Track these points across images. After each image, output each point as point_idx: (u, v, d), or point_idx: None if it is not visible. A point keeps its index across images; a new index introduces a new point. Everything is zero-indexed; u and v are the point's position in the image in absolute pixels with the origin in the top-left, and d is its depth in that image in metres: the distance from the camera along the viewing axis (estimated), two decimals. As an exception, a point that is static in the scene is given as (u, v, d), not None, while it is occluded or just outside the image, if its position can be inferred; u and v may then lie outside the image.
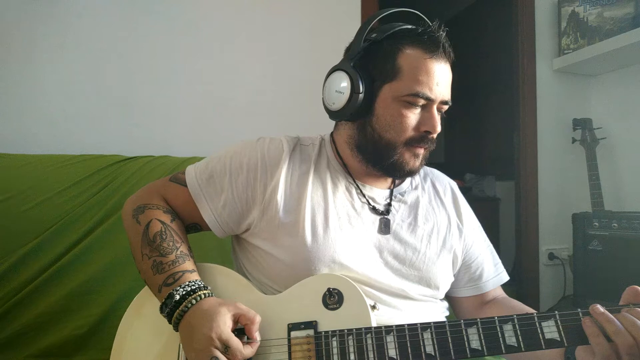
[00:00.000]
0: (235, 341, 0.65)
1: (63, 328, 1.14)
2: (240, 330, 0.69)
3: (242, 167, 0.83)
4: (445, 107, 0.82)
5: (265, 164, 0.82)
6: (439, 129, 0.79)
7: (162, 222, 0.80)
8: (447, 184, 0.96)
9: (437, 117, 0.79)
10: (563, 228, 1.93)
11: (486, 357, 1.09)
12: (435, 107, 0.79)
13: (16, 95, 1.46)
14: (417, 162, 0.82)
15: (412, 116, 0.79)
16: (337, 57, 0.87)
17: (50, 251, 1.19)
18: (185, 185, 0.84)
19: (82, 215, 1.24)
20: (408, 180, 0.91)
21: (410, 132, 0.79)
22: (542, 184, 2.05)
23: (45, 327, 1.13)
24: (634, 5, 1.80)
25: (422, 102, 0.78)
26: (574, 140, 1.94)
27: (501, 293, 0.95)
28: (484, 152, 3.05)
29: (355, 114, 0.80)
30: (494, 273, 0.93)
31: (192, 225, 0.87)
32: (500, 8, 2.54)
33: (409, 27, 0.81)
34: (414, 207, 0.88)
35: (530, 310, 0.82)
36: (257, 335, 0.68)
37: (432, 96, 0.77)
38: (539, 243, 2.04)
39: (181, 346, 0.71)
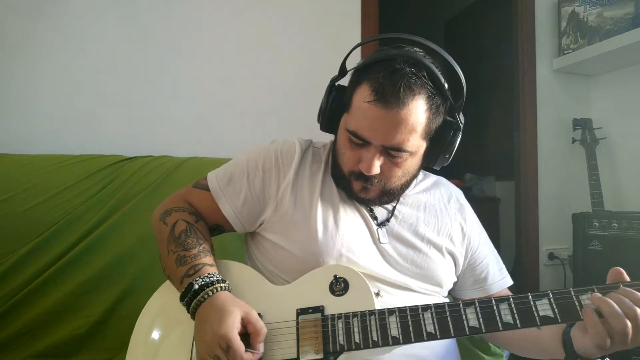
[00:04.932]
0: (237, 344, 0.67)
1: (63, 328, 1.14)
2: (247, 336, 0.71)
3: (258, 168, 0.89)
4: (400, 154, 0.78)
5: (278, 164, 0.88)
6: (373, 171, 0.77)
7: (187, 222, 0.86)
8: (452, 192, 0.98)
9: (374, 160, 0.77)
10: (563, 228, 1.93)
11: (486, 358, 1.11)
12: (374, 149, 0.77)
13: (16, 95, 1.46)
14: (367, 195, 0.83)
15: (353, 152, 0.80)
16: (336, 57, 0.89)
17: (50, 251, 1.19)
18: (208, 190, 0.90)
19: (82, 215, 1.24)
20: (414, 183, 0.91)
21: (351, 166, 0.81)
22: (542, 184, 2.05)
23: (45, 327, 1.13)
24: (634, 5, 1.80)
25: (360, 141, 0.77)
26: (574, 140, 1.95)
27: (507, 292, 0.96)
28: (484, 152, 3.04)
29: (324, 129, 0.88)
30: (499, 276, 0.95)
31: (215, 226, 0.92)
32: (500, 8, 2.54)
33: (386, 59, 0.76)
34: (418, 209, 0.91)
35: None
36: (260, 347, 0.70)
37: (368, 138, 0.76)
38: (539, 243, 2.05)
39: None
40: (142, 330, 0.82)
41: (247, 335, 0.71)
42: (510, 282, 0.96)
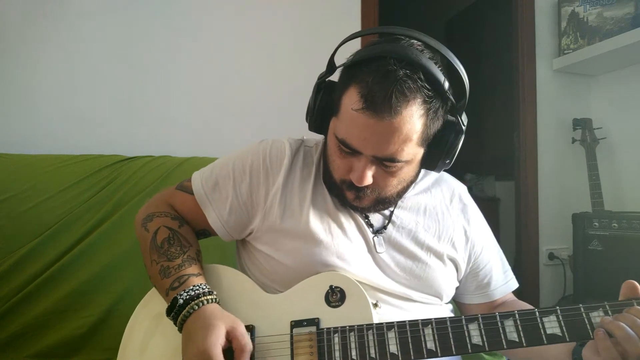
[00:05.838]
0: None
1: (63, 328, 1.14)
2: (232, 352, 0.68)
3: (245, 172, 0.83)
4: (394, 164, 0.71)
5: (267, 168, 0.82)
6: (365, 182, 0.71)
7: (170, 229, 0.81)
8: (455, 190, 0.91)
9: (365, 171, 0.70)
10: (563, 228, 1.93)
11: (486, 357, 1.10)
12: (366, 159, 0.70)
13: (16, 95, 1.46)
14: (361, 203, 0.77)
15: (343, 161, 0.74)
16: (336, 57, 0.87)
17: (50, 251, 1.19)
18: (192, 193, 0.85)
19: (82, 215, 1.24)
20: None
21: (342, 174, 0.75)
22: (542, 184, 2.05)
23: (45, 327, 1.13)
24: (634, 5, 1.79)
25: (349, 150, 0.71)
26: (574, 140, 1.94)
27: (510, 297, 0.92)
28: (484, 152, 3.04)
29: (313, 129, 0.80)
30: (502, 281, 0.90)
31: (200, 231, 0.87)
32: (500, 8, 2.54)
33: (378, 57, 0.68)
34: (418, 213, 0.85)
35: None
36: None
37: (359, 148, 0.69)
38: (539, 243, 2.05)
39: None
40: (130, 341, 0.78)
41: (232, 352, 0.67)
42: (516, 285, 0.91)
